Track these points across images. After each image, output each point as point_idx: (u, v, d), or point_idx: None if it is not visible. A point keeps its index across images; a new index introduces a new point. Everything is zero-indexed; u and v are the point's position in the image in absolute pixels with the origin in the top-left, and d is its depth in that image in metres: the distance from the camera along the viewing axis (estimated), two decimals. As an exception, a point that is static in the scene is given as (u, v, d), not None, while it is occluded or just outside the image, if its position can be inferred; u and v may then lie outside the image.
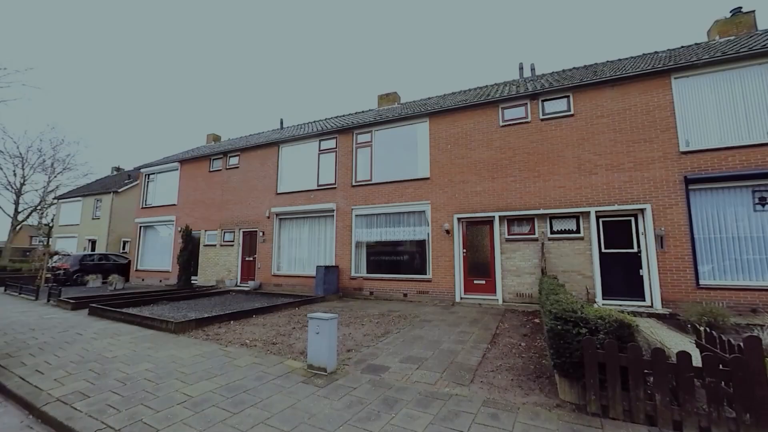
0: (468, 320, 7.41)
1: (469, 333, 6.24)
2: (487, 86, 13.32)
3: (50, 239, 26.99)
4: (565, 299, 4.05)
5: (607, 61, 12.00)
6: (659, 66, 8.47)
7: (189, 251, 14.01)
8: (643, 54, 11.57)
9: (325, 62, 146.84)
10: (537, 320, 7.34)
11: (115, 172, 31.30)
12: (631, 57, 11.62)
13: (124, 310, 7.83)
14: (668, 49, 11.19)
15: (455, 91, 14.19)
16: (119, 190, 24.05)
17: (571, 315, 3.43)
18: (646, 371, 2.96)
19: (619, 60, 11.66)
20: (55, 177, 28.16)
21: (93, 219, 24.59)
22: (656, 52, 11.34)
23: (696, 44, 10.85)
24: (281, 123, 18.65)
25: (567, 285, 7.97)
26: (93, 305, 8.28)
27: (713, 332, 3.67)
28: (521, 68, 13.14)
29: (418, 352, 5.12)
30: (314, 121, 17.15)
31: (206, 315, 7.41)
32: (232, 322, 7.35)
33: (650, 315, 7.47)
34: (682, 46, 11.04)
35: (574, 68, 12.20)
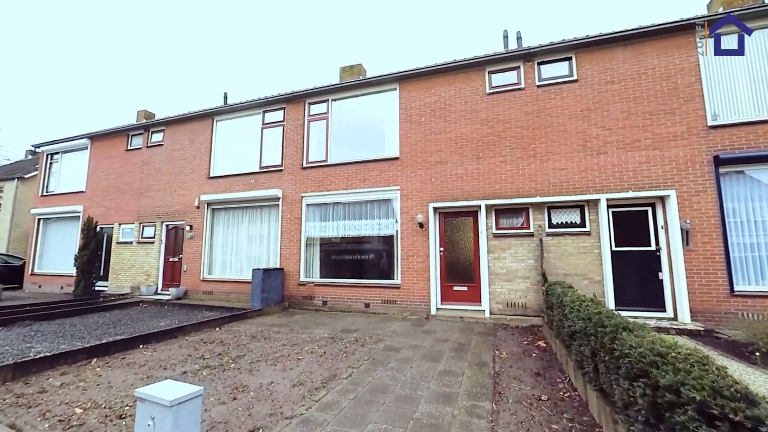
0: (451, 345, 5.32)
1: (457, 374, 4.14)
2: (466, 59, 11.35)
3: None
4: (669, 347, 1.99)
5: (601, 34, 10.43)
6: (682, 20, 6.87)
7: (91, 250, 10.86)
8: (641, 25, 10.10)
9: (283, 35, 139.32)
10: (542, 344, 5.41)
11: (30, 156, 26.31)
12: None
13: None
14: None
15: (430, 64, 12.10)
16: (26, 176, 19.65)
17: (734, 399, 1.36)
18: None
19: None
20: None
21: (-8, 211, 20.08)
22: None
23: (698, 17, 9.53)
24: (225, 98, 15.54)
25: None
26: None
27: None
28: (506, 37, 11.30)
29: (378, 428, 2.91)
30: (263, 98, 14.39)
31: (47, 353, 4.73)
32: (94, 360, 4.74)
33: (679, 332, 5.78)
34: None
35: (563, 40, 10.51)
